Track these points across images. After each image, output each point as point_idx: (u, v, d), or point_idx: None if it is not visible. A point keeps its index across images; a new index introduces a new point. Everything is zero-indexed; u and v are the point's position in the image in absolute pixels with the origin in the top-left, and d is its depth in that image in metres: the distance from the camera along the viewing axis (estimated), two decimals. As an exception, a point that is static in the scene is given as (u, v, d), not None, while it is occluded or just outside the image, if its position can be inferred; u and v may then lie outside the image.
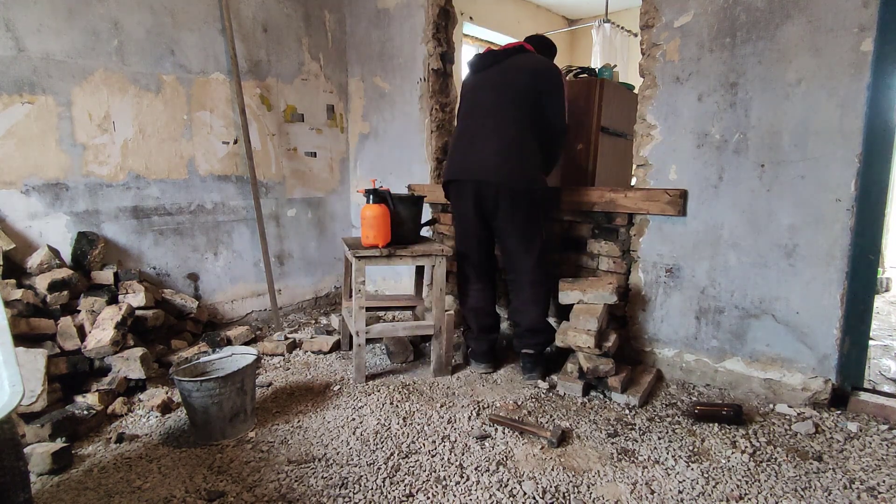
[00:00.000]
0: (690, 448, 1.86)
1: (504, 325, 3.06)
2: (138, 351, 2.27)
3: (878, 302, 3.53)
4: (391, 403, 2.22)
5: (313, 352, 2.86)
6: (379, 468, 1.75)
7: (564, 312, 2.38)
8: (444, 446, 1.89)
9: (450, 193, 2.57)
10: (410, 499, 1.60)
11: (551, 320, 2.81)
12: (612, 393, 2.24)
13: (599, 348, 2.22)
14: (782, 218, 2.12)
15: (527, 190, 2.36)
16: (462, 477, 1.70)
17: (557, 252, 2.78)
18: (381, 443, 1.91)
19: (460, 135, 2.51)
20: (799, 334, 2.13)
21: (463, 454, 1.84)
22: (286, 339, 2.97)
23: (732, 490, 1.63)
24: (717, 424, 2.01)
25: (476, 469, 1.75)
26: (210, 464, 1.80)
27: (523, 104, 2.36)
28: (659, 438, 1.93)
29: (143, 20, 2.71)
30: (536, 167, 2.40)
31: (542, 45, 2.59)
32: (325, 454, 1.85)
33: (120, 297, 2.49)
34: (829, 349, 2.08)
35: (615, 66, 3.77)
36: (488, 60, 2.47)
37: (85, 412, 2.01)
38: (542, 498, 1.59)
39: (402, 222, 2.50)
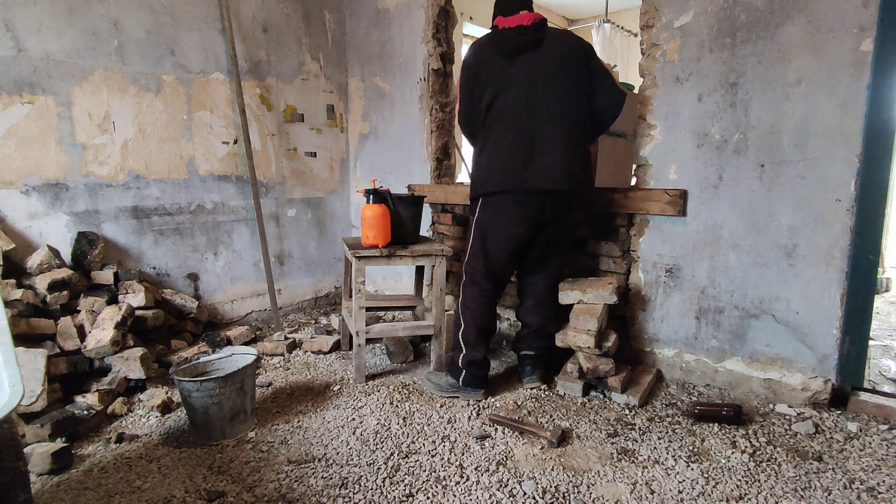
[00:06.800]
0: (690, 448, 1.86)
1: (504, 325, 3.06)
2: (138, 351, 2.27)
3: (878, 302, 3.53)
4: (391, 403, 2.22)
5: (313, 352, 2.86)
6: (379, 468, 1.75)
7: (564, 312, 2.38)
8: (444, 446, 1.89)
9: (495, 203, 2.23)
10: (410, 499, 1.60)
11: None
12: (612, 393, 2.24)
13: (599, 348, 2.22)
14: (782, 218, 2.12)
15: (583, 195, 2.39)
16: (462, 477, 1.70)
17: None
18: (381, 443, 1.91)
19: (516, 142, 2.14)
20: (799, 334, 2.13)
21: (463, 454, 1.84)
22: (286, 339, 2.97)
23: (732, 490, 1.63)
24: (717, 424, 2.01)
25: (476, 469, 1.75)
26: (210, 464, 1.80)
27: (580, 93, 2.17)
28: (659, 438, 1.93)
29: (143, 20, 2.71)
30: (588, 168, 2.31)
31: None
32: (325, 454, 1.85)
33: (120, 297, 2.49)
34: (829, 349, 2.07)
35: (615, 66, 3.78)
36: (526, 41, 2.15)
37: (85, 412, 2.01)
38: (542, 498, 1.59)
39: (402, 222, 2.50)
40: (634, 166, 2.51)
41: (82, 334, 2.24)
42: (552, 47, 2.17)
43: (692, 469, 1.73)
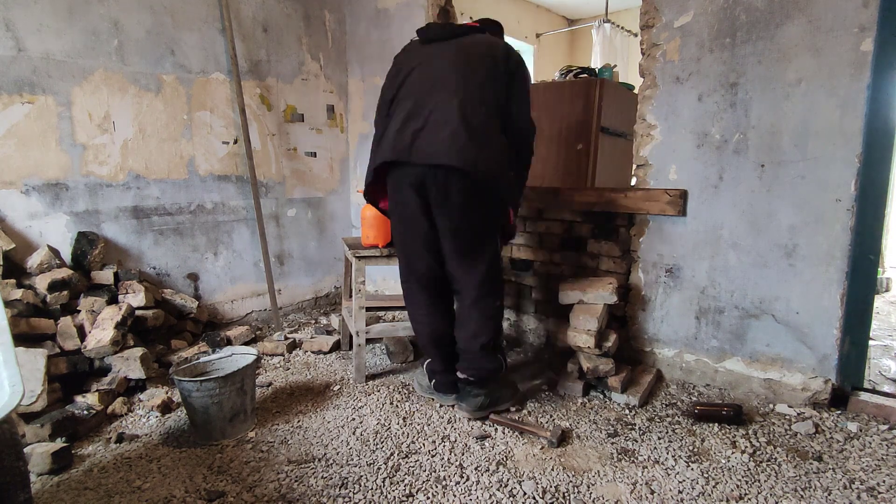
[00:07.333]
0: (690, 448, 1.86)
1: (504, 325, 3.06)
2: (138, 351, 2.27)
3: (878, 302, 3.53)
4: (391, 403, 2.22)
5: (313, 352, 2.86)
6: (379, 468, 1.75)
7: (564, 312, 2.38)
8: (444, 446, 1.89)
9: (390, 184, 2.07)
10: (410, 499, 1.60)
11: (550, 322, 2.81)
12: (612, 393, 2.24)
13: (599, 348, 2.22)
14: (782, 218, 2.12)
15: (488, 181, 1.92)
16: (462, 477, 1.70)
17: (557, 252, 2.78)
18: (381, 443, 1.91)
19: (408, 112, 1.96)
20: (799, 334, 2.13)
21: (463, 454, 1.84)
22: (286, 339, 2.97)
23: (732, 490, 1.63)
24: (717, 424, 2.01)
25: (476, 469, 1.75)
26: (210, 464, 1.80)
27: (490, 88, 1.96)
28: (659, 438, 1.93)
29: (143, 20, 2.71)
30: (504, 161, 1.96)
31: (494, 28, 2.22)
32: (325, 454, 1.85)
33: (120, 297, 2.49)
34: (829, 349, 2.08)
35: (615, 66, 3.78)
36: (445, 33, 2.09)
37: (85, 412, 2.01)
38: (542, 498, 1.59)
39: (401, 222, 2.50)
40: (634, 166, 2.51)
41: (82, 334, 2.23)
42: (475, 41, 2.05)
43: (692, 469, 1.74)
